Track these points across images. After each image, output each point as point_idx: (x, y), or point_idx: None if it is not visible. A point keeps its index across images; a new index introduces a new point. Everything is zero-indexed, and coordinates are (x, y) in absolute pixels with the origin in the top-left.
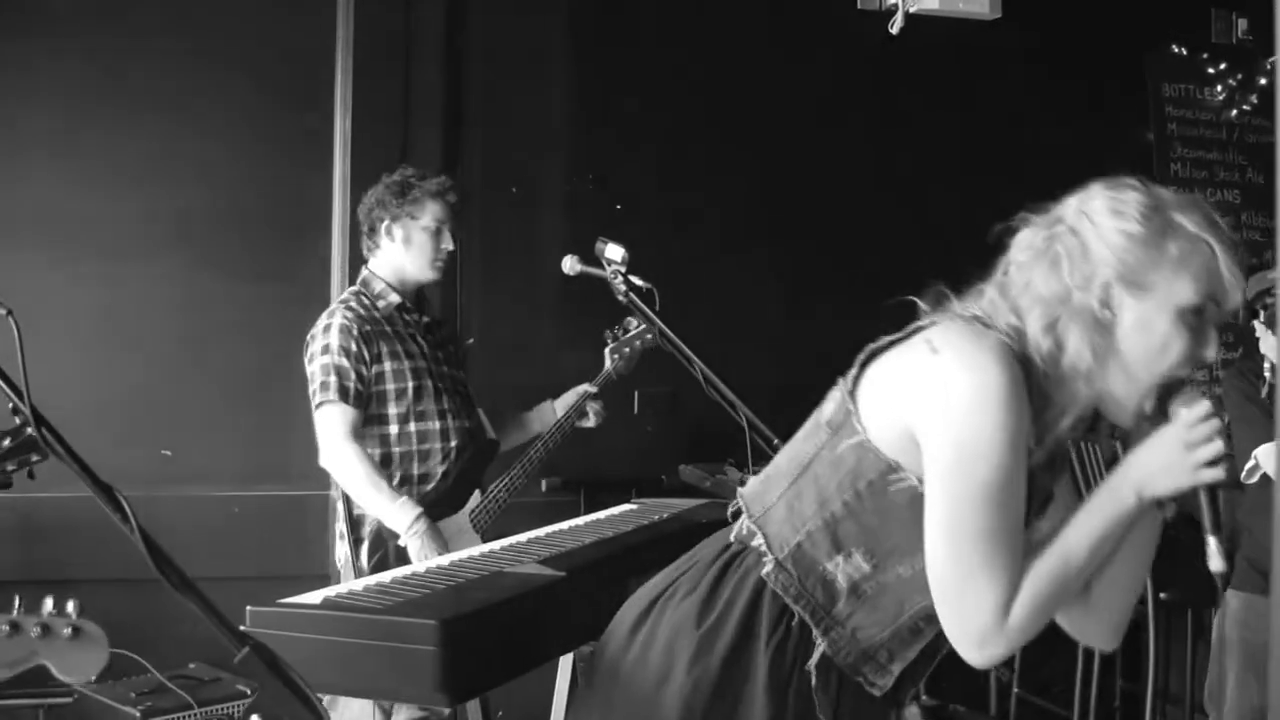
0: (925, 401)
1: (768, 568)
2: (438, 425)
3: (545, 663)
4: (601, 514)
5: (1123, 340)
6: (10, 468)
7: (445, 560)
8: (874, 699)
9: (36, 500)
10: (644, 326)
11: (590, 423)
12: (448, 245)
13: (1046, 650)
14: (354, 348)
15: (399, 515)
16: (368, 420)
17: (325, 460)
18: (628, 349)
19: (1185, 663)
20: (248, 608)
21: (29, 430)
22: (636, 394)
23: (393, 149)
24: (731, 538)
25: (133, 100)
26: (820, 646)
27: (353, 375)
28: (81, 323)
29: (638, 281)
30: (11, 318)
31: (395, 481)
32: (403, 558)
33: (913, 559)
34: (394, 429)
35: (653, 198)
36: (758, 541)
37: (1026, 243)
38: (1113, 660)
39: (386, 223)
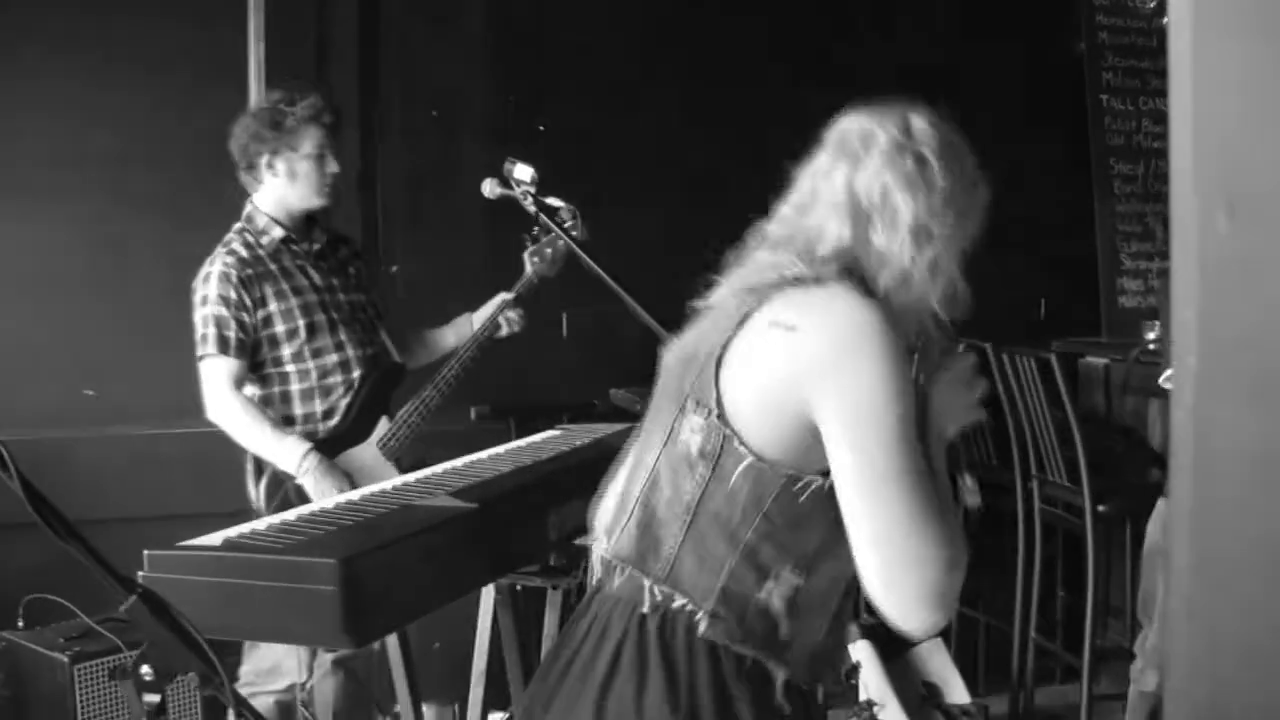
0: (807, 381)
1: (703, 625)
2: (336, 358)
3: (458, 598)
4: (523, 441)
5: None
6: None
7: (356, 495)
8: None
9: None
10: (569, 224)
11: (504, 332)
12: (333, 169)
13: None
14: (234, 295)
15: (287, 455)
16: (263, 363)
17: (210, 414)
18: (549, 249)
19: (1125, 575)
20: (145, 552)
21: None
22: (565, 316)
23: (308, 75)
24: (644, 609)
25: (36, 41)
26: (780, 676)
27: (233, 325)
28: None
29: (554, 201)
30: None
31: (299, 422)
32: (303, 496)
33: (838, 552)
34: (291, 368)
35: (576, 119)
36: (679, 602)
37: (871, 143)
38: (1053, 573)
39: (266, 157)
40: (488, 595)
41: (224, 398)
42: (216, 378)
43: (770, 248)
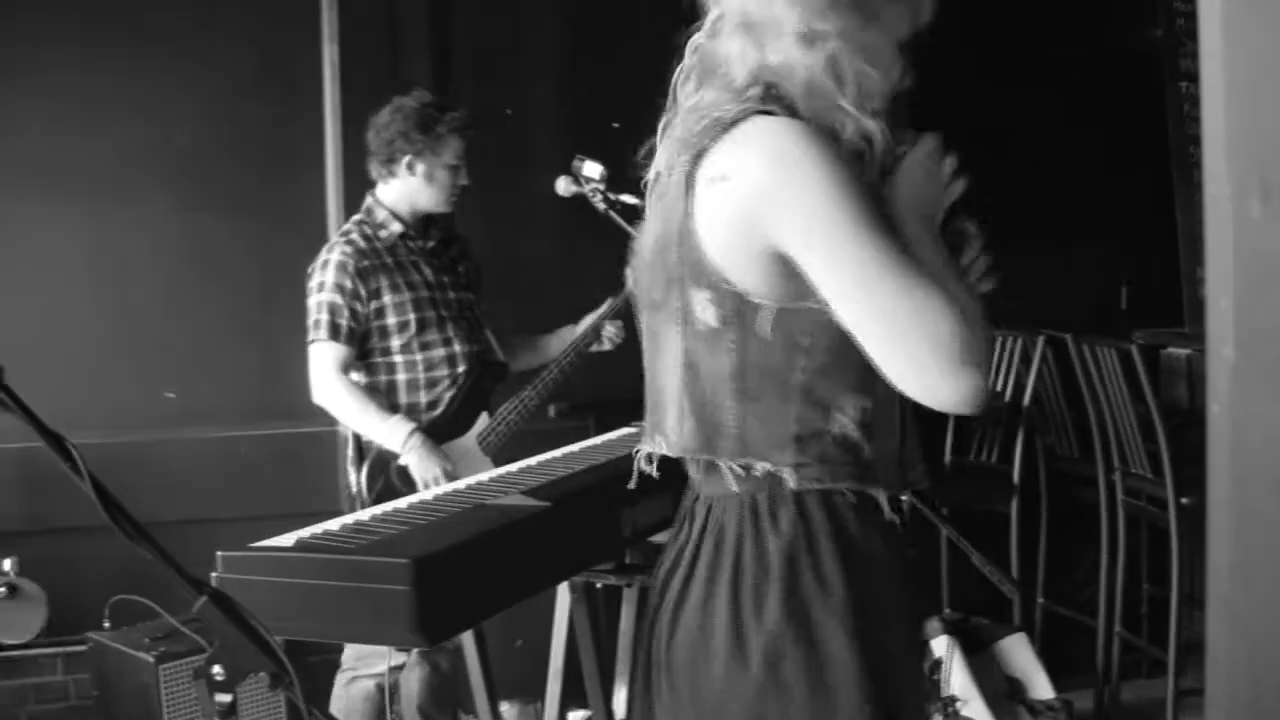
0: (760, 220)
1: (791, 479)
2: (443, 352)
3: (530, 596)
4: (599, 439)
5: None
6: None
7: (429, 495)
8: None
9: (35, 450)
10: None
11: (605, 345)
12: (464, 181)
13: (1069, 559)
14: (349, 284)
15: (392, 434)
16: (372, 352)
17: (317, 397)
18: None
19: None
20: (218, 553)
21: None
22: None
23: (382, 74)
24: (733, 488)
25: (117, 38)
26: (882, 497)
27: (346, 312)
28: (75, 267)
29: (630, 199)
30: None
31: (402, 410)
32: (405, 479)
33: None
34: (399, 359)
35: (648, 115)
36: (760, 468)
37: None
38: (1137, 566)
39: (408, 158)
40: (563, 593)
41: (331, 381)
42: (324, 362)
43: (695, 86)
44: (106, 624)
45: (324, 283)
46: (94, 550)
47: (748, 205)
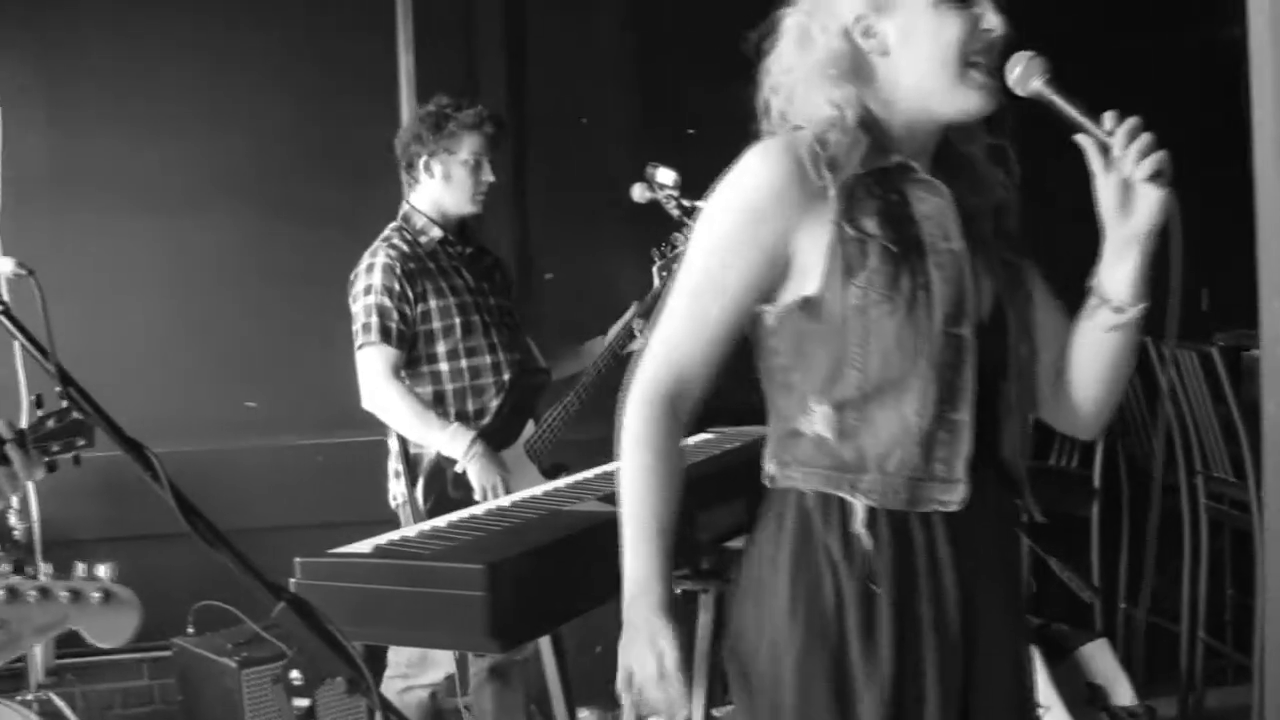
0: None
1: (777, 475)
2: (489, 359)
3: (607, 602)
4: None
5: (899, 57)
6: (55, 449)
7: (506, 501)
8: (993, 534)
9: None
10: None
11: (637, 345)
12: (488, 177)
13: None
14: (397, 287)
15: (453, 442)
16: (417, 360)
17: (368, 402)
18: (676, 265)
19: None
20: (296, 559)
21: (74, 415)
22: None
23: (457, 83)
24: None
25: (188, 49)
26: (858, 504)
27: (395, 315)
28: (156, 279)
29: (702, 205)
30: (34, 279)
31: (451, 418)
32: (460, 488)
33: (855, 369)
34: (445, 366)
35: (724, 121)
36: (767, 465)
37: (780, 33)
38: (1221, 571)
39: (424, 159)
40: None
41: (384, 386)
42: (375, 366)
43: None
44: (190, 630)
45: (371, 285)
46: (177, 557)
47: None
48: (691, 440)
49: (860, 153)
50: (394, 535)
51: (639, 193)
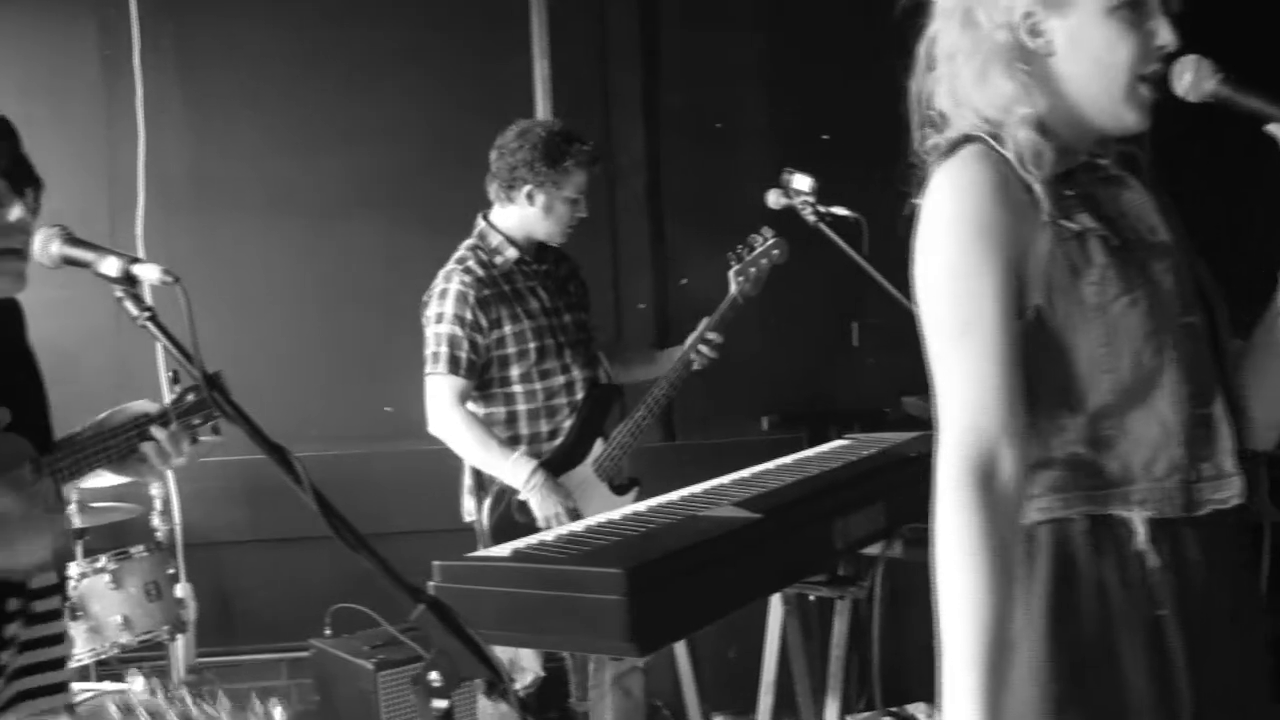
0: None
1: (1034, 513)
2: (562, 380)
3: (741, 607)
4: (810, 451)
5: (1065, 61)
6: (196, 422)
7: (643, 506)
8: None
9: (260, 463)
10: (772, 242)
11: (707, 352)
12: (582, 213)
13: None
14: (469, 316)
15: (514, 472)
16: (490, 382)
17: (433, 428)
18: (753, 268)
19: None
20: (435, 563)
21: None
22: (855, 325)
23: (593, 93)
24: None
25: (328, 61)
26: (1137, 519)
27: (465, 345)
28: (290, 284)
29: (841, 211)
30: (179, 286)
31: (525, 441)
32: (525, 512)
33: (1105, 373)
34: (519, 389)
35: (858, 126)
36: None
37: (937, 12)
38: None
39: (529, 188)
40: (776, 605)
41: (449, 414)
42: (443, 395)
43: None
44: (328, 631)
45: (443, 314)
46: (315, 560)
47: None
48: (827, 447)
49: (1051, 151)
50: (532, 539)
51: (774, 199)
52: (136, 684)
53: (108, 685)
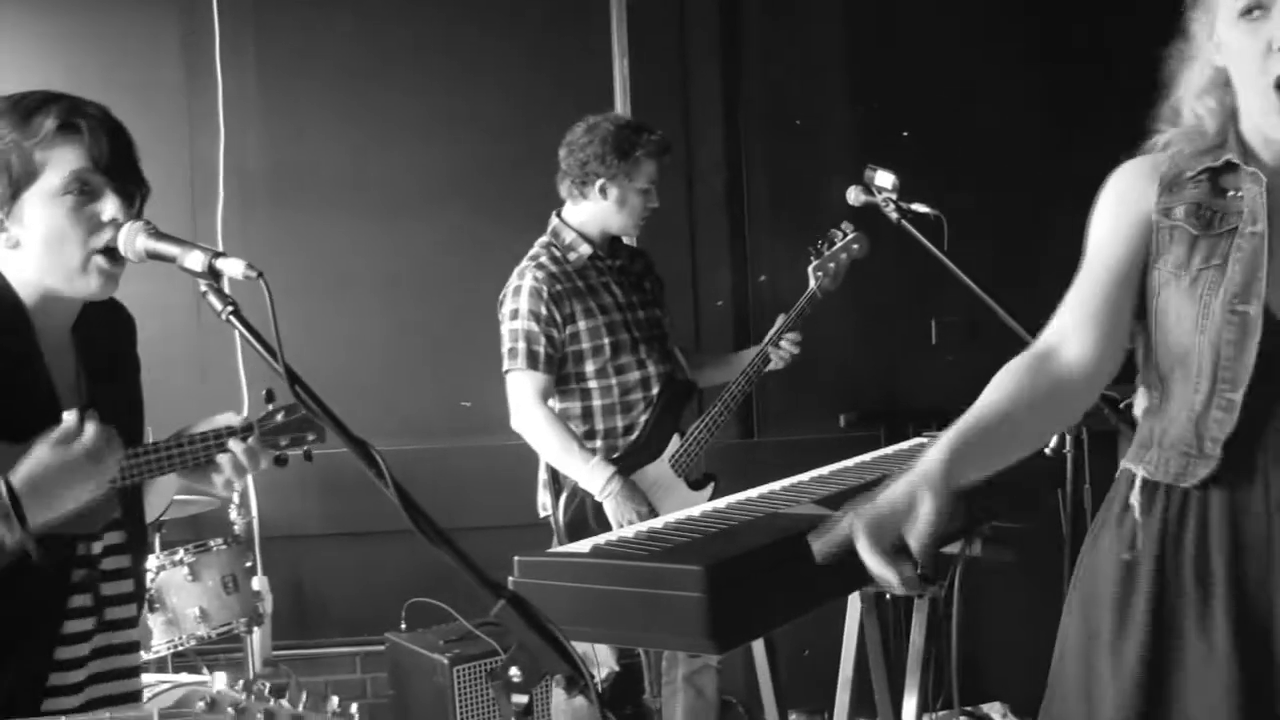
0: None
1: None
2: (637, 375)
3: (820, 606)
4: (889, 450)
5: (1228, 63)
6: (284, 443)
7: (722, 503)
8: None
9: (335, 457)
10: (852, 236)
11: (777, 363)
12: (654, 204)
13: None
14: (544, 311)
15: (592, 477)
16: (566, 378)
17: (516, 424)
18: (833, 264)
19: None
20: (515, 557)
21: (303, 411)
22: (933, 323)
23: (673, 89)
24: None
25: (409, 59)
26: (1137, 474)
27: (542, 340)
28: (368, 279)
29: (922, 208)
30: (262, 280)
31: (600, 435)
32: (598, 513)
33: (1159, 342)
34: (594, 384)
35: (938, 123)
36: None
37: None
38: None
39: (601, 181)
40: (854, 603)
41: (531, 411)
42: (524, 391)
43: None
44: (403, 625)
45: (517, 310)
46: (391, 554)
47: None
48: (905, 445)
49: (1193, 153)
50: (611, 536)
51: (854, 195)
52: (219, 680)
53: (185, 677)
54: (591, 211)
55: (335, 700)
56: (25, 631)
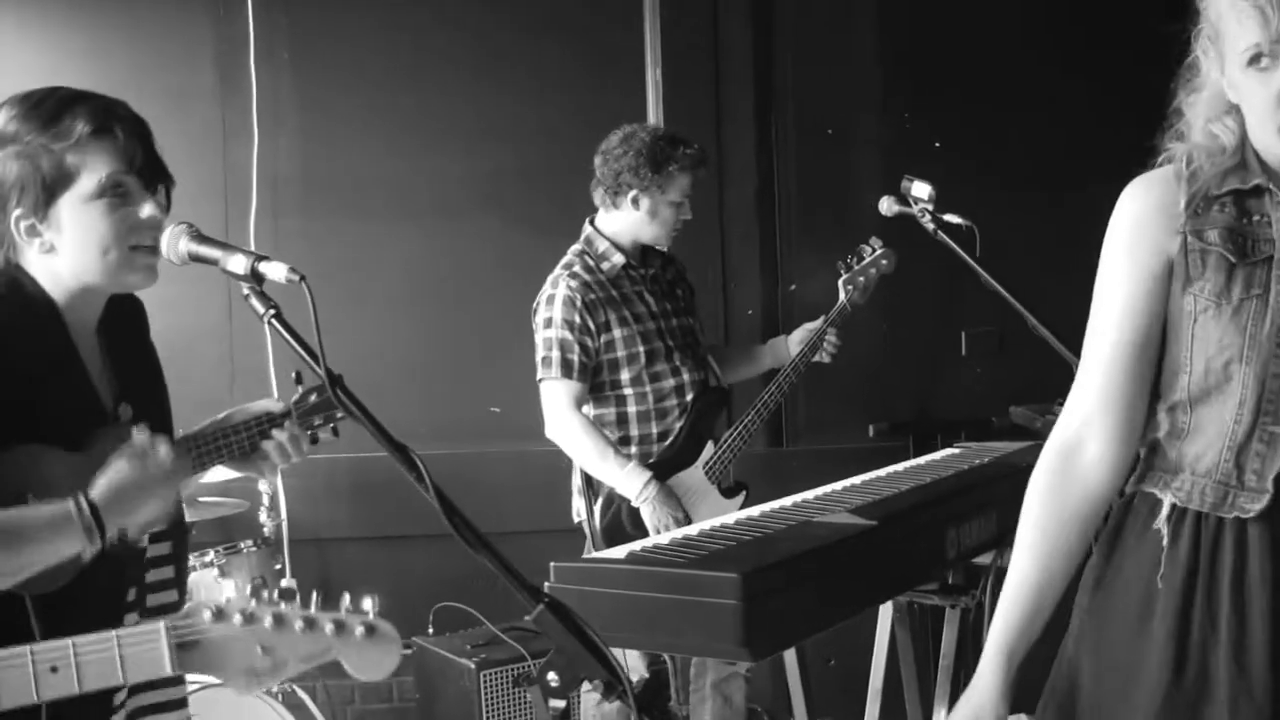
0: None
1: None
2: (672, 382)
3: (854, 615)
4: (922, 459)
5: (1240, 102)
6: (317, 422)
7: (755, 511)
8: None
9: (365, 460)
10: (881, 252)
11: (825, 358)
12: (687, 216)
13: None
14: (578, 320)
15: (628, 482)
16: (601, 385)
17: (550, 432)
18: (862, 278)
19: None
20: (551, 563)
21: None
22: (963, 334)
23: (706, 97)
24: None
25: (442, 66)
26: (1165, 501)
27: (576, 348)
28: (399, 283)
29: (954, 219)
30: (305, 284)
31: (635, 442)
32: (635, 517)
33: (1185, 368)
34: (629, 391)
35: (969, 134)
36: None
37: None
38: None
39: (634, 193)
40: (885, 612)
41: (565, 419)
42: (558, 399)
43: None
44: (430, 629)
45: (551, 319)
46: (419, 558)
47: None
48: (938, 455)
49: (1218, 174)
50: (646, 542)
51: (886, 206)
52: (226, 589)
53: (214, 678)
54: (624, 221)
55: (347, 597)
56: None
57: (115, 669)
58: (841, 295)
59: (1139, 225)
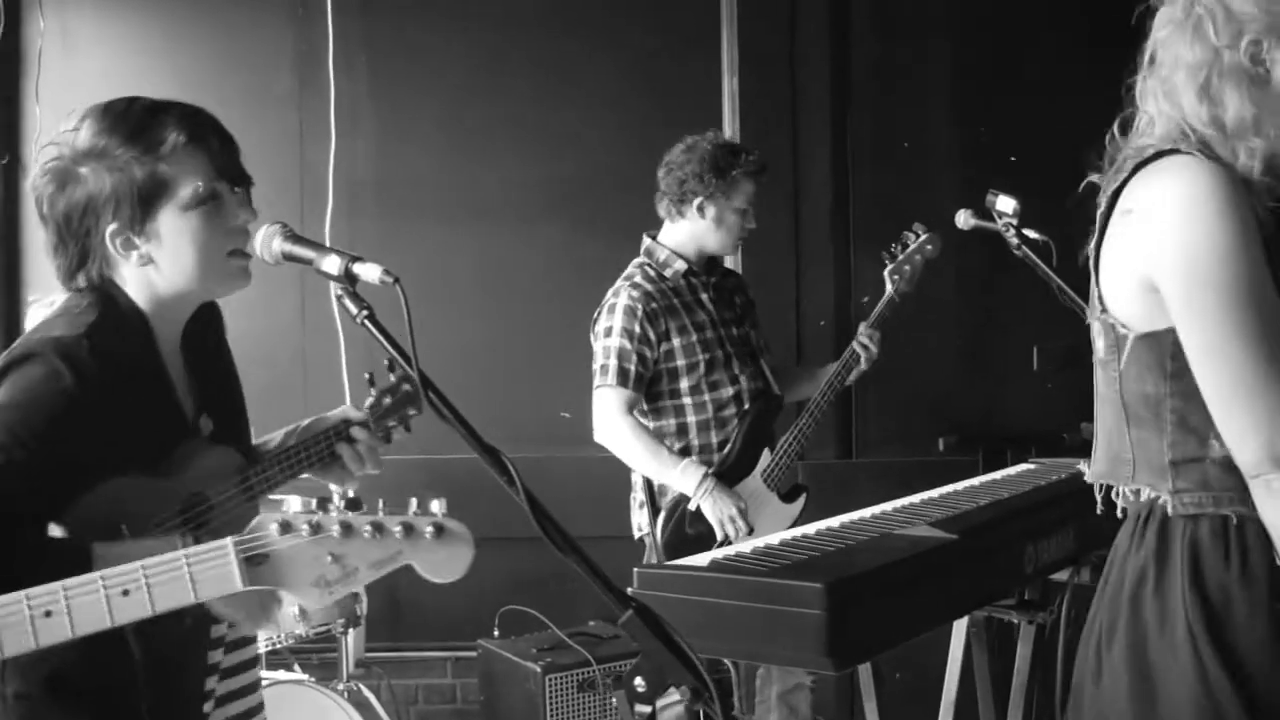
0: (1149, 253)
1: (1170, 505)
2: (731, 391)
3: (935, 628)
4: (998, 474)
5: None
6: (391, 424)
7: (835, 522)
8: None
9: (434, 463)
10: (925, 237)
11: (862, 363)
12: (751, 224)
13: None
14: (638, 329)
15: (685, 478)
16: (660, 394)
17: (600, 437)
18: (908, 266)
19: None
20: (634, 569)
21: (405, 387)
22: (1035, 349)
23: (782, 108)
24: (1125, 511)
25: (516, 73)
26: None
27: (634, 358)
28: (472, 288)
29: (1033, 234)
30: (399, 286)
31: (695, 451)
32: (696, 524)
33: None
34: (688, 400)
35: (1044, 147)
36: (1146, 494)
37: (1166, 19)
38: None
39: (699, 201)
40: (960, 626)
41: (618, 423)
42: (609, 404)
43: (1148, 81)
44: (496, 632)
45: (612, 328)
46: (485, 560)
47: (1140, 234)
48: (1013, 471)
49: (1263, 186)
50: (729, 550)
51: (963, 219)
52: (292, 503)
53: (282, 674)
54: (689, 231)
55: (415, 501)
56: (179, 664)
57: (186, 588)
58: (889, 286)
59: (1238, 206)
